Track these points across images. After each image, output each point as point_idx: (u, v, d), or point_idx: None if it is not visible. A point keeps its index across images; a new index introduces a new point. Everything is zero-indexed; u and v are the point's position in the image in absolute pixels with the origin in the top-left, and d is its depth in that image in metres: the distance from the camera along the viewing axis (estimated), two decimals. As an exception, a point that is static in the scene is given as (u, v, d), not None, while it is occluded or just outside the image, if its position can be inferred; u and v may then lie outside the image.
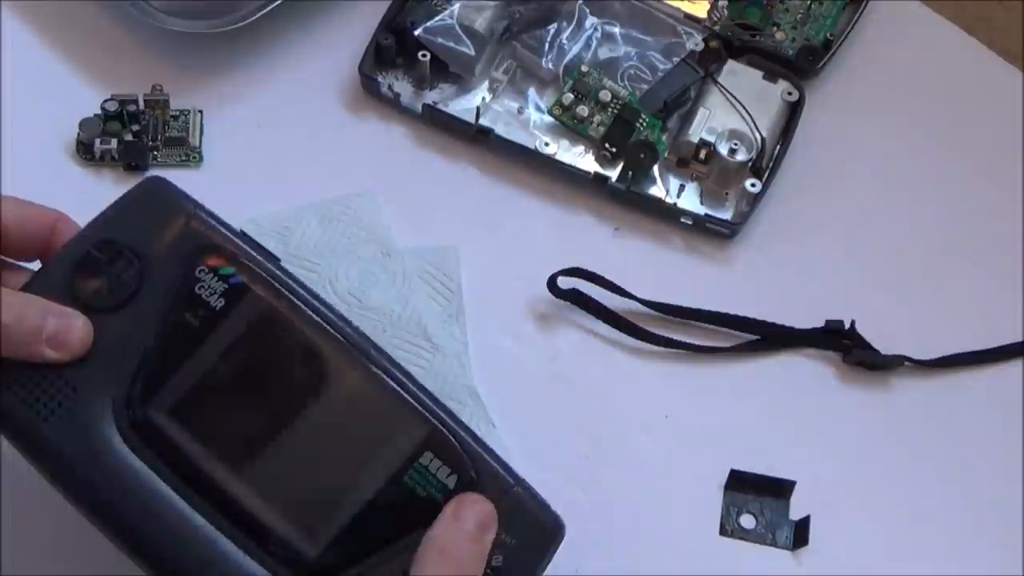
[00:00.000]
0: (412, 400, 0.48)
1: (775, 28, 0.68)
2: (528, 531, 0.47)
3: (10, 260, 0.51)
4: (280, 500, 0.47)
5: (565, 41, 0.66)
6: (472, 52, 0.65)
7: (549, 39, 0.66)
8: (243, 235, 0.50)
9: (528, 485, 0.48)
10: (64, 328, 0.47)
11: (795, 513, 0.58)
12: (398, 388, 0.48)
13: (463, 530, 0.45)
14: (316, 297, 0.49)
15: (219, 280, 0.48)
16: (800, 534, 0.57)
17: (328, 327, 0.48)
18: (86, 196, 0.54)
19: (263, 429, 0.48)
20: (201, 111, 0.65)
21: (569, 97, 0.65)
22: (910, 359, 0.61)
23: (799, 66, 0.67)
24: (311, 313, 0.48)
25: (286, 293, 0.49)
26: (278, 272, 0.49)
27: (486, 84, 0.66)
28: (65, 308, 0.48)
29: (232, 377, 0.48)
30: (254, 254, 0.49)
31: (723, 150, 0.63)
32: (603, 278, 0.61)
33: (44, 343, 0.47)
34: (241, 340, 0.48)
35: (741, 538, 0.57)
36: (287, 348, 0.48)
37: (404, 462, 0.47)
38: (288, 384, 0.48)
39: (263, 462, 0.47)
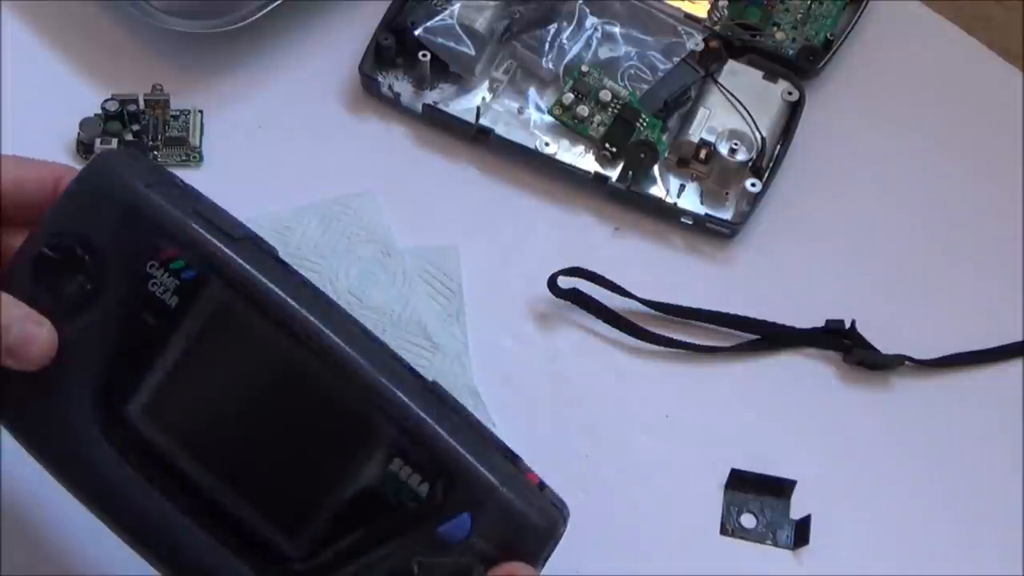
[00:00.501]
0: (384, 394, 0.45)
1: (775, 28, 0.68)
2: (517, 537, 0.45)
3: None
4: (256, 502, 0.45)
5: (565, 41, 0.66)
6: (472, 52, 0.65)
7: (549, 39, 0.66)
8: (196, 214, 0.47)
9: (519, 480, 0.45)
10: (24, 339, 0.45)
11: (796, 512, 0.58)
12: (369, 380, 0.45)
13: None
14: (280, 276, 0.46)
15: (171, 276, 0.46)
16: (801, 534, 0.57)
17: (291, 316, 0.45)
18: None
19: (233, 429, 0.46)
20: (201, 111, 0.65)
21: (569, 97, 0.65)
22: (910, 359, 0.61)
23: (799, 66, 0.67)
24: (270, 303, 0.46)
25: (242, 283, 0.46)
26: (235, 258, 0.46)
27: (486, 84, 0.66)
28: (31, 314, 0.46)
29: (198, 376, 0.46)
30: (210, 238, 0.46)
31: (723, 150, 0.63)
32: (603, 278, 0.61)
33: (4, 352, 0.45)
34: (200, 338, 0.46)
35: (742, 537, 0.57)
36: (247, 344, 0.46)
37: (374, 471, 0.45)
38: (253, 381, 0.46)
39: (237, 463, 0.46)
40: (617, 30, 0.67)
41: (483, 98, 0.66)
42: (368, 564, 0.44)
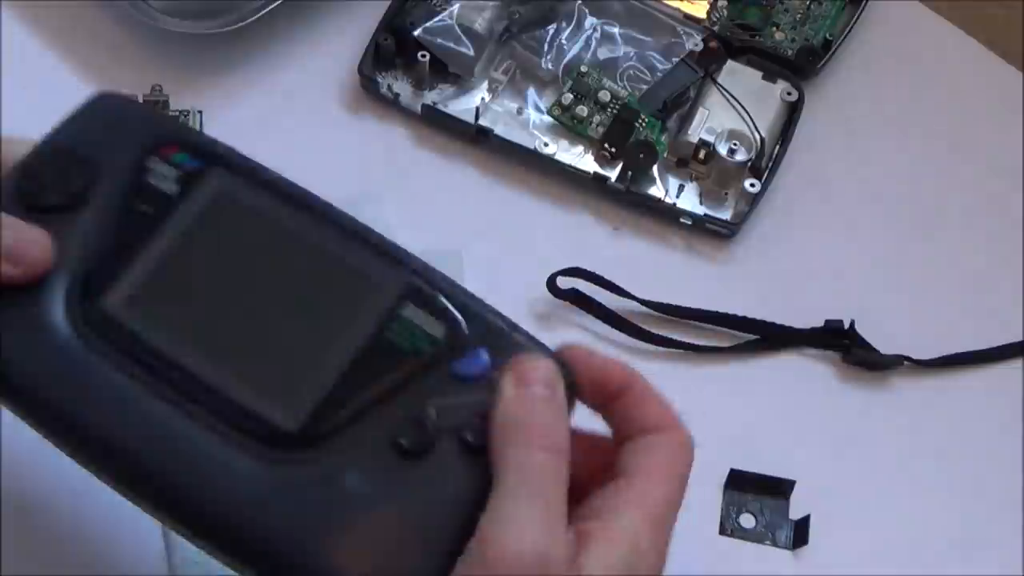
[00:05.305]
0: (388, 258, 0.44)
1: (774, 28, 0.68)
2: None
3: None
4: (255, 376, 0.43)
5: (564, 41, 0.66)
6: (471, 52, 0.65)
7: (548, 39, 0.66)
8: (198, 132, 0.48)
9: (525, 331, 0.44)
10: (21, 241, 0.43)
11: (795, 512, 0.58)
12: (372, 248, 0.44)
13: (534, 394, 0.41)
14: (277, 176, 0.46)
15: (172, 167, 0.45)
16: (800, 534, 0.57)
17: (291, 201, 0.45)
18: (85, 196, 0.54)
19: (231, 307, 0.44)
20: (201, 111, 0.65)
21: (568, 97, 0.65)
22: (910, 359, 0.61)
23: (798, 66, 0.67)
24: (271, 190, 0.45)
25: (244, 171, 0.45)
26: (237, 155, 0.46)
27: (485, 84, 0.66)
28: (19, 221, 0.43)
29: (192, 261, 0.44)
30: (211, 140, 0.46)
31: (722, 150, 0.63)
32: (602, 278, 0.61)
33: (2, 259, 0.42)
34: (199, 223, 0.44)
35: (741, 538, 0.57)
36: (248, 226, 0.45)
37: (384, 316, 0.42)
38: (253, 262, 0.44)
39: (232, 342, 0.43)
40: (616, 30, 0.67)
41: (482, 98, 0.66)
42: (381, 416, 0.42)
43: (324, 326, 0.43)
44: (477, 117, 0.64)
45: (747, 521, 0.58)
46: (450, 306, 0.43)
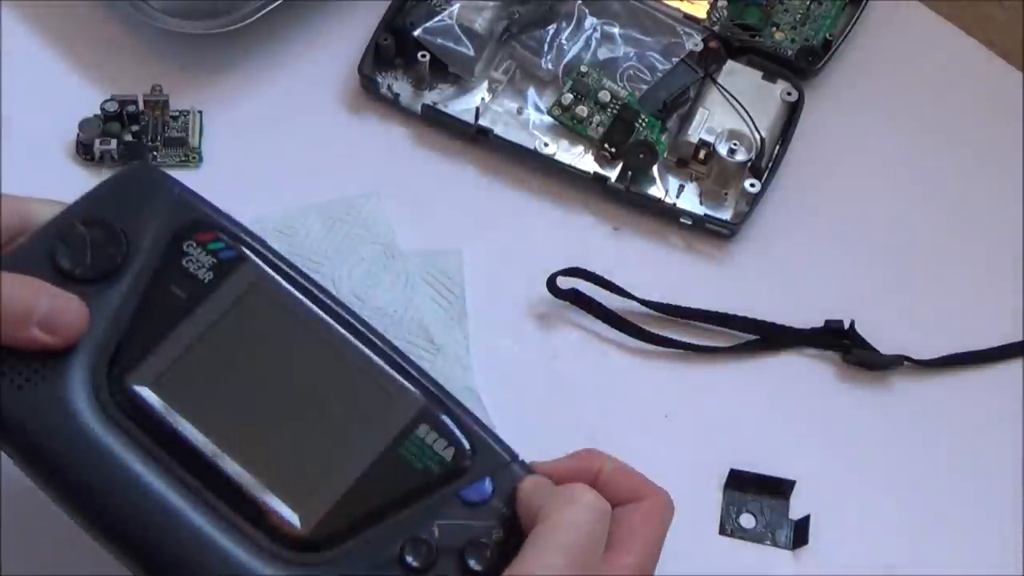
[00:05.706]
0: (406, 375, 0.46)
1: (774, 28, 0.68)
2: None
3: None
4: (270, 475, 0.44)
5: (564, 41, 0.66)
6: (471, 52, 0.65)
7: (548, 39, 0.66)
8: (231, 218, 0.48)
9: (524, 462, 0.46)
10: (58, 310, 0.44)
11: (795, 513, 0.58)
12: (392, 364, 0.47)
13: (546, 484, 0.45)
14: (307, 277, 0.48)
15: (208, 254, 0.47)
16: (800, 534, 0.57)
17: (320, 304, 0.47)
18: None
19: (252, 403, 0.46)
20: (201, 111, 0.65)
21: (568, 97, 0.65)
22: (910, 359, 0.61)
23: (798, 66, 0.67)
24: (302, 291, 0.47)
25: (277, 267, 0.47)
26: (269, 249, 0.48)
27: (485, 84, 0.66)
28: (55, 288, 0.44)
29: (219, 350, 0.46)
30: (244, 230, 0.48)
31: (722, 150, 0.63)
32: (602, 278, 0.61)
33: (35, 325, 0.43)
34: (230, 313, 0.46)
35: (741, 538, 0.57)
36: (278, 322, 0.47)
37: (399, 434, 0.45)
38: (279, 358, 0.46)
39: (251, 436, 0.45)
40: (616, 30, 0.67)
41: (482, 98, 0.66)
42: (388, 528, 0.44)
43: (342, 434, 0.45)
44: (477, 117, 0.64)
45: (747, 521, 0.58)
46: (460, 432, 0.46)
